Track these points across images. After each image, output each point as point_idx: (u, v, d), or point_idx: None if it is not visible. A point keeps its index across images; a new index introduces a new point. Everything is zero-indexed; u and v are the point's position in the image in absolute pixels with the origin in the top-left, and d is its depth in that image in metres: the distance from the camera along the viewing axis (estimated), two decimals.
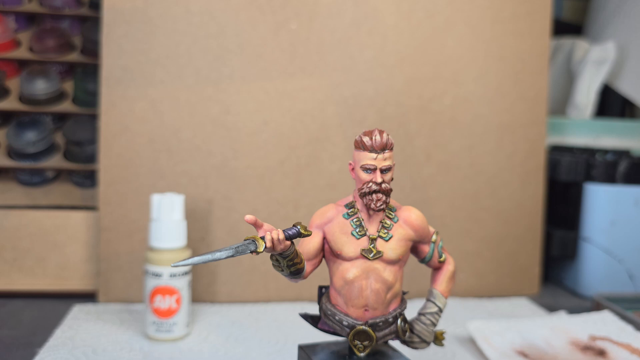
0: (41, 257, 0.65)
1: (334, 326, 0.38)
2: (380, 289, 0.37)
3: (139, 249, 0.63)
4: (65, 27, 0.77)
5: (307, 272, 0.37)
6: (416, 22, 0.68)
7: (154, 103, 0.63)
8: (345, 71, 0.66)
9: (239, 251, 0.32)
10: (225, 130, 0.65)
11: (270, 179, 0.65)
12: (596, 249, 0.72)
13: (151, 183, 0.63)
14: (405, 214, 0.38)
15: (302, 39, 0.65)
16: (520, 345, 0.53)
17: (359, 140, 0.37)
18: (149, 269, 0.54)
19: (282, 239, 0.33)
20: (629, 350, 0.53)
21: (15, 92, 0.74)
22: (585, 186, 0.73)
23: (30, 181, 0.72)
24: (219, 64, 0.64)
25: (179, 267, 0.31)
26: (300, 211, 0.66)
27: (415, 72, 0.68)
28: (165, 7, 0.63)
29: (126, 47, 0.63)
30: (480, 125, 0.70)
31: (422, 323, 0.40)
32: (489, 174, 0.70)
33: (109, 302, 0.63)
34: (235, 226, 0.65)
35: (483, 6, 0.69)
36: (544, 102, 0.71)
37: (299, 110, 0.66)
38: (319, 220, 0.38)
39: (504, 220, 0.71)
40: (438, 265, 0.41)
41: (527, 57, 0.70)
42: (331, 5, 0.66)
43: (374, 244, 0.37)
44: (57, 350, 0.50)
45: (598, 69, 0.84)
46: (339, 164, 0.66)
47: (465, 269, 0.70)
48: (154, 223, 0.55)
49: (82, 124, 0.72)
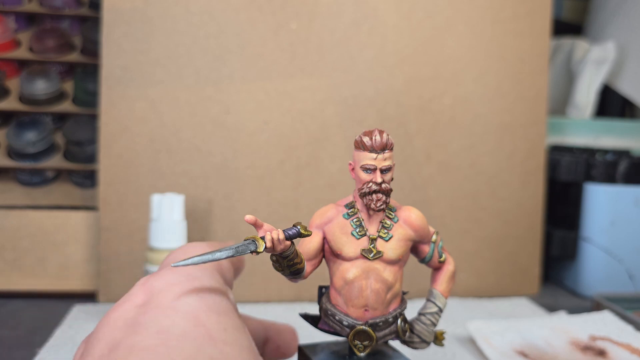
0: (41, 257, 0.64)
1: (334, 326, 0.38)
2: (380, 289, 0.37)
3: (139, 249, 0.63)
4: (65, 27, 0.77)
5: (307, 272, 0.37)
6: (416, 22, 0.68)
7: (154, 103, 0.63)
8: (345, 71, 0.66)
9: (239, 251, 0.32)
10: (225, 130, 0.65)
11: (270, 179, 0.65)
12: (596, 249, 0.72)
13: (151, 183, 0.63)
14: (405, 214, 0.38)
15: (302, 39, 0.65)
16: (520, 345, 0.53)
17: (359, 140, 0.37)
18: (149, 269, 0.54)
19: (282, 239, 0.33)
20: (629, 350, 0.53)
21: (15, 92, 0.74)
22: (585, 186, 0.73)
23: (30, 181, 0.72)
24: (219, 64, 0.64)
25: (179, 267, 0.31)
26: (300, 211, 0.66)
27: (415, 72, 0.68)
28: (165, 7, 0.63)
29: (126, 47, 0.63)
30: (480, 125, 0.70)
31: (422, 323, 0.40)
32: (489, 174, 0.70)
33: (109, 302, 0.63)
34: (235, 226, 0.65)
35: (483, 6, 0.69)
36: (544, 102, 0.71)
37: (299, 110, 0.66)
38: (318, 220, 0.38)
39: (504, 220, 0.71)
40: (438, 265, 0.41)
41: (527, 57, 0.70)
42: (331, 5, 0.66)
43: (374, 244, 0.37)
44: (57, 350, 0.50)
45: (598, 69, 0.84)
46: (339, 164, 0.66)
47: (465, 269, 0.70)
48: (154, 223, 0.55)
49: (82, 124, 0.72)
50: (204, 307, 0.29)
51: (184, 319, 0.28)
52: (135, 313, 0.28)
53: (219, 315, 0.29)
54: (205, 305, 0.29)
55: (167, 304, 0.28)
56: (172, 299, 0.29)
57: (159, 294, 0.29)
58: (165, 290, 0.29)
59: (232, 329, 0.29)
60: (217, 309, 0.29)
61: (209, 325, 0.28)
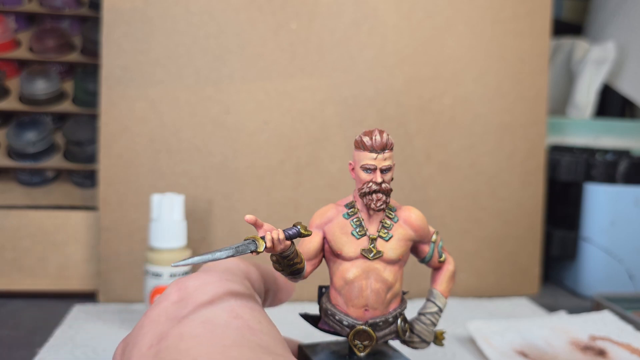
0: (41, 257, 0.64)
1: (334, 326, 0.38)
2: (380, 288, 0.37)
3: (139, 249, 0.63)
4: (65, 27, 0.77)
5: (307, 272, 0.37)
6: (416, 22, 0.68)
7: (154, 103, 0.63)
8: (345, 71, 0.66)
9: (239, 251, 0.32)
10: (225, 130, 0.65)
11: (270, 179, 0.65)
12: (596, 249, 0.72)
13: (151, 183, 0.63)
14: (405, 213, 0.38)
15: (302, 39, 0.65)
16: (520, 345, 0.53)
17: (359, 140, 0.37)
18: (149, 269, 0.54)
19: (283, 238, 0.33)
20: (629, 350, 0.53)
21: (15, 92, 0.74)
22: (585, 186, 0.73)
23: (30, 181, 0.72)
24: (219, 64, 0.64)
25: (179, 267, 0.31)
26: (300, 211, 0.66)
27: (415, 72, 0.68)
28: (165, 7, 0.63)
29: (126, 47, 0.63)
30: (480, 125, 0.70)
31: (422, 323, 0.40)
32: (489, 174, 0.70)
33: (109, 302, 0.63)
34: (235, 226, 0.65)
35: (483, 6, 0.69)
36: (544, 102, 0.71)
37: (299, 110, 0.66)
38: (319, 220, 0.38)
39: (504, 220, 0.71)
40: (438, 265, 0.41)
41: (527, 57, 0.71)
42: (331, 5, 0.66)
43: (374, 244, 0.37)
44: (57, 350, 0.50)
45: (598, 69, 0.84)
46: (339, 164, 0.66)
47: (465, 269, 0.70)
48: (154, 223, 0.55)
49: (82, 124, 0.72)
50: (239, 302, 0.31)
51: (224, 310, 0.30)
52: (175, 308, 0.30)
53: (253, 310, 0.31)
54: (240, 301, 0.31)
55: (205, 299, 0.30)
56: (209, 295, 0.31)
57: (194, 292, 0.31)
58: (200, 288, 0.31)
59: (266, 322, 0.31)
60: (250, 305, 0.31)
61: (246, 317, 0.30)
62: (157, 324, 0.29)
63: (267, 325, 0.31)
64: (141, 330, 0.29)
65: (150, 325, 0.29)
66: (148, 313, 0.31)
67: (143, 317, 0.31)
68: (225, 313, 0.29)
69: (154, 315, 0.30)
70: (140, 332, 0.29)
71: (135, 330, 0.30)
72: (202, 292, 0.31)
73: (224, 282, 0.32)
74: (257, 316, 0.31)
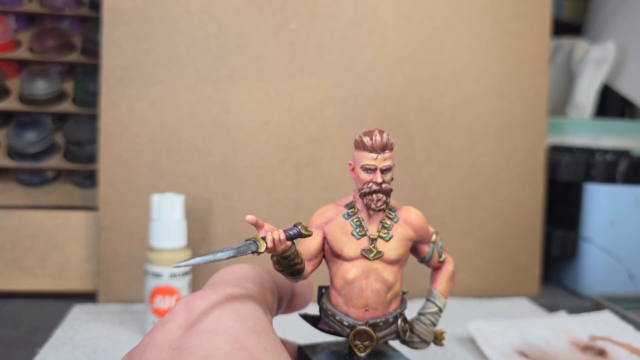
0: (41, 257, 0.65)
1: (334, 326, 0.38)
2: (380, 289, 0.37)
3: (139, 249, 0.63)
4: (65, 27, 0.77)
5: (307, 273, 0.37)
6: (416, 22, 0.68)
7: (154, 103, 0.63)
8: (345, 71, 0.66)
9: (240, 251, 0.32)
10: (225, 130, 0.65)
11: (270, 179, 0.65)
12: (596, 249, 0.72)
13: (151, 183, 0.63)
14: (405, 214, 0.38)
15: (302, 39, 0.65)
16: (520, 345, 0.53)
17: (359, 140, 0.37)
18: (149, 269, 0.54)
19: (283, 239, 0.33)
20: (629, 350, 0.53)
21: (15, 92, 0.74)
22: (585, 186, 0.73)
23: (30, 181, 0.72)
24: (219, 64, 0.64)
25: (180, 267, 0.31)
26: (300, 211, 0.66)
27: (415, 72, 0.68)
28: (165, 7, 0.63)
29: (126, 47, 0.63)
30: (480, 125, 0.70)
31: (422, 323, 0.40)
32: (489, 174, 0.70)
33: (109, 302, 0.63)
34: (235, 226, 0.65)
35: (483, 6, 0.69)
36: (544, 102, 0.71)
37: (299, 110, 0.66)
38: (319, 221, 0.38)
39: (504, 220, 0.71)
40: (438, 265, 0.41)
41: (527, 57, 0.71)
42: (331, 5, 0.66)
43: (374, 244, 0.37)
44: (57, 350, 0.50)
45: (598, 69, 0.84)
46: (339, 164, 0.66)
47: (465, 269, 0.70)
48: (154, 223, 0.55)
49: (82, 124, 0.72)
50: (244, 329, 0.30)
51: (227, 342, 0.29)
52: (179, 335, 0.30)
53: (259, 336, 0.31)
54: (245, 327, 0.31)
55: (210, 326, 0.30)
56: (214, 321, 0.31)
57: (200, 317, 0.31)
58: (206, 313, 0.31)
59: (272, 348, 0.30)
60: (257, 329, 0.31)
61: (250, 347, 0.29)
62: (160, 350, 0.29)
63: (273, 350, 0.30)
64: (144, 355, 0.29)
65: (153, 351, 0.29)
66: (154, 334, 0.30)
67: (149, 336, 0.30)
68: (227, 344, 0.29)
69: (159, 339, 0.30)
70: (143, 356, 0.29)
71: (139, 350, 0.30)
72: (208, 318, 0.31)
73: (232, 301, 0.32)
74: (264, 342, 0.30)
